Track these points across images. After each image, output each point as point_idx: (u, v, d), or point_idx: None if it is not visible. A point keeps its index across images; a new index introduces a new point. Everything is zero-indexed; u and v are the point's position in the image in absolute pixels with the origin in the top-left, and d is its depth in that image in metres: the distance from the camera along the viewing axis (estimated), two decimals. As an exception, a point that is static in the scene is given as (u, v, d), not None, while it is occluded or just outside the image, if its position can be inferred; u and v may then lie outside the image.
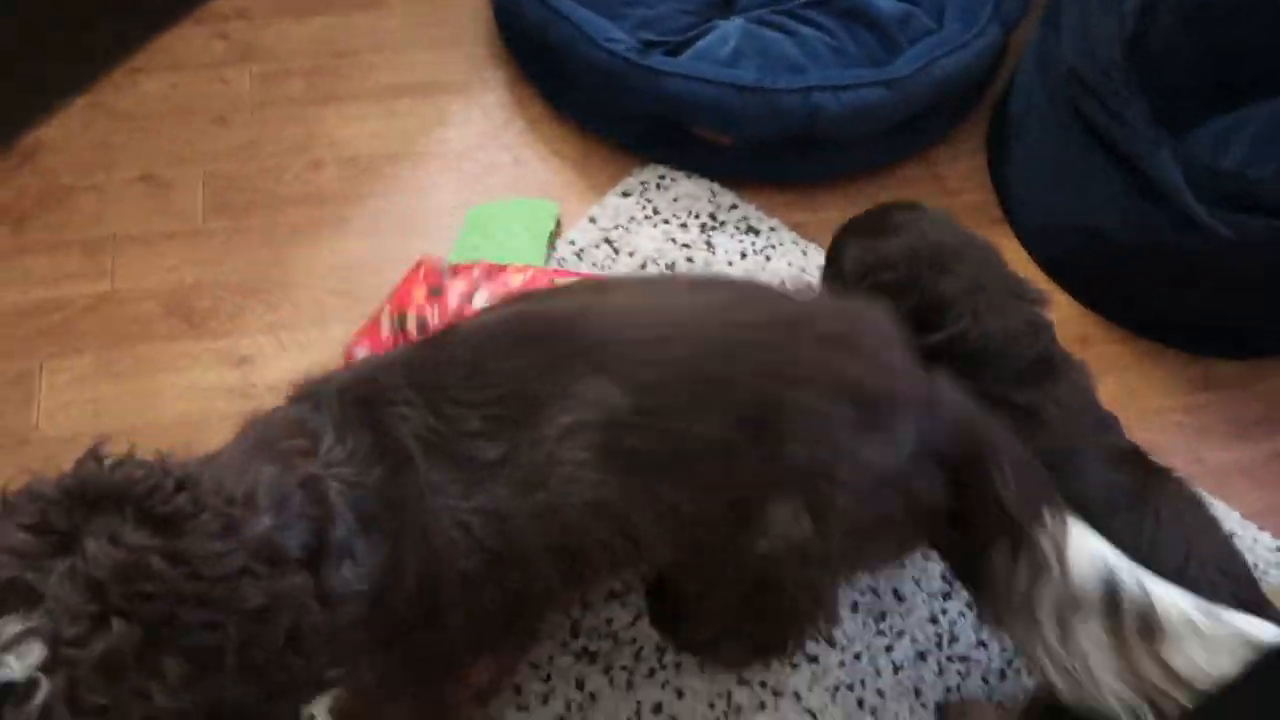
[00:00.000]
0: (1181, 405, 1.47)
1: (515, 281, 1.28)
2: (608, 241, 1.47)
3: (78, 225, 1.45)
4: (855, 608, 1.25)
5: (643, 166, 1.57)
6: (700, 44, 1.54)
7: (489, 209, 1.46)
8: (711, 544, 0.86)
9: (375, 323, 1.29)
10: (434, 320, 1.25)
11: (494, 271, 1.29)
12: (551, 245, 1.46)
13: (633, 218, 1.50)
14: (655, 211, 1.51)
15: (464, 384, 0.79)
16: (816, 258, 1.50)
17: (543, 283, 1.26)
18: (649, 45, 1.51)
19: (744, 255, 1.48)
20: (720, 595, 0.93)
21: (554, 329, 0.83)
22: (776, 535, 0.81)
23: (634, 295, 0.91)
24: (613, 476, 0.79)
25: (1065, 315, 1.53)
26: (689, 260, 1.46)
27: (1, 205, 1.45)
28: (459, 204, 1.50)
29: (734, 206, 1.53)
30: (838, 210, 1.51)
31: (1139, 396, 1.47)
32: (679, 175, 1.55)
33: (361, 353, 1.25)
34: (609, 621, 1.22)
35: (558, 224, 1.46)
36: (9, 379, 1.31)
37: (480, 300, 1.25)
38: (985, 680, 1.22)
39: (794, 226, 1.54)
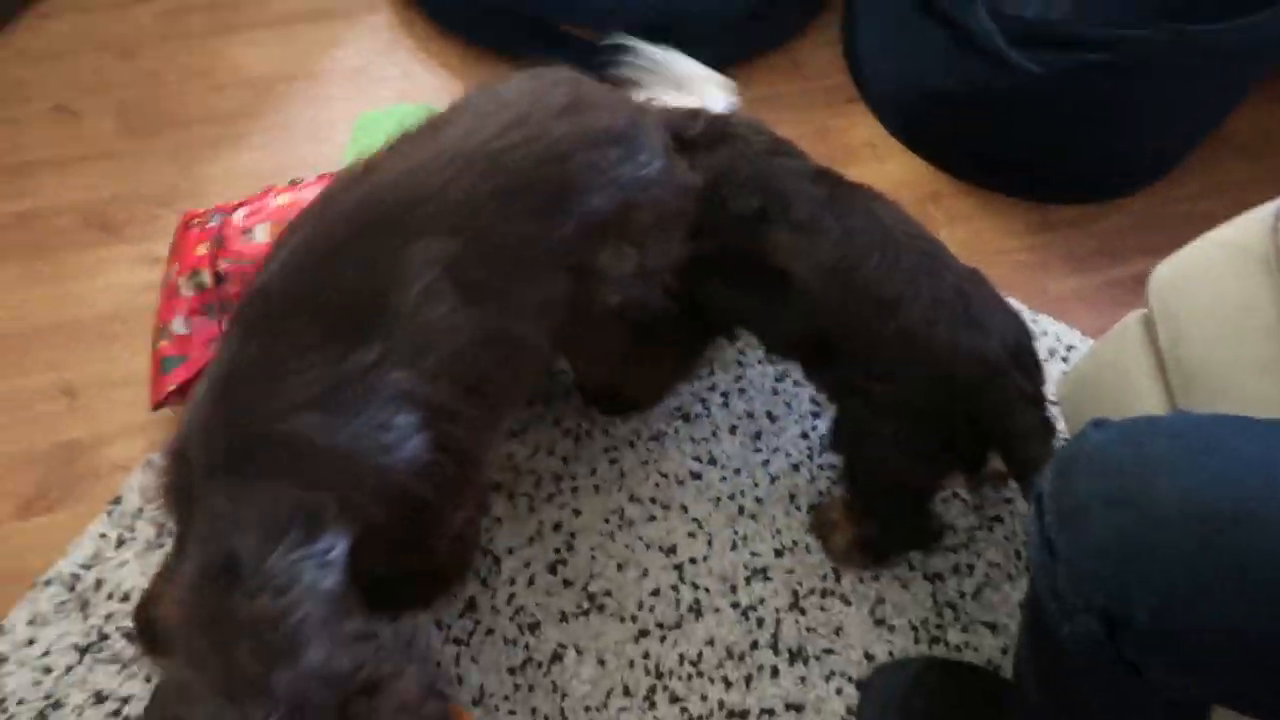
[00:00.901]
0: (1025, 246, 1.63)
1: (280, 201, 1.32)
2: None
3: (-4, 153, 1.56)
4: (734, 430, 1.39)
5: (518, 63, 1.70)
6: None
7: (374, 115, 1.59)
8: (577, 315, 0.99)
9: (172, 290, 1.31)
10: (224, 267, 1.27)
11: (254, 202, 1.34)
12: (439, 143, 1.58)
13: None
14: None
15: (306, 320, 0.84)
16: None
17: (308, 196, 1.23)
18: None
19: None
20: (607, 347, 1.10)
21: (356, 226, 0.87)
22: (613, 279, 0.95)
23: (400, 158, 0.94)
24: (475, 306, 0.89)
25: (917, 175, 1.68)
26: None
27: (-78, 139, 1.56)
28: (351, 116, 1.62)
29: (607, 97, 1.67)
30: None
31: (985, 240, 1.62)
32: (556, 74, 1.69)
33: (177, 322, 1.28)
34: (510, 456, 1.35)
35: (440, 121, 1.59)
36: None
37: (261, 233, 1.29)
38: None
39: (665, 113, 1.68)
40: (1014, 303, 1.25)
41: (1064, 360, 1.48)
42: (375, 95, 1.67)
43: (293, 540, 0.77)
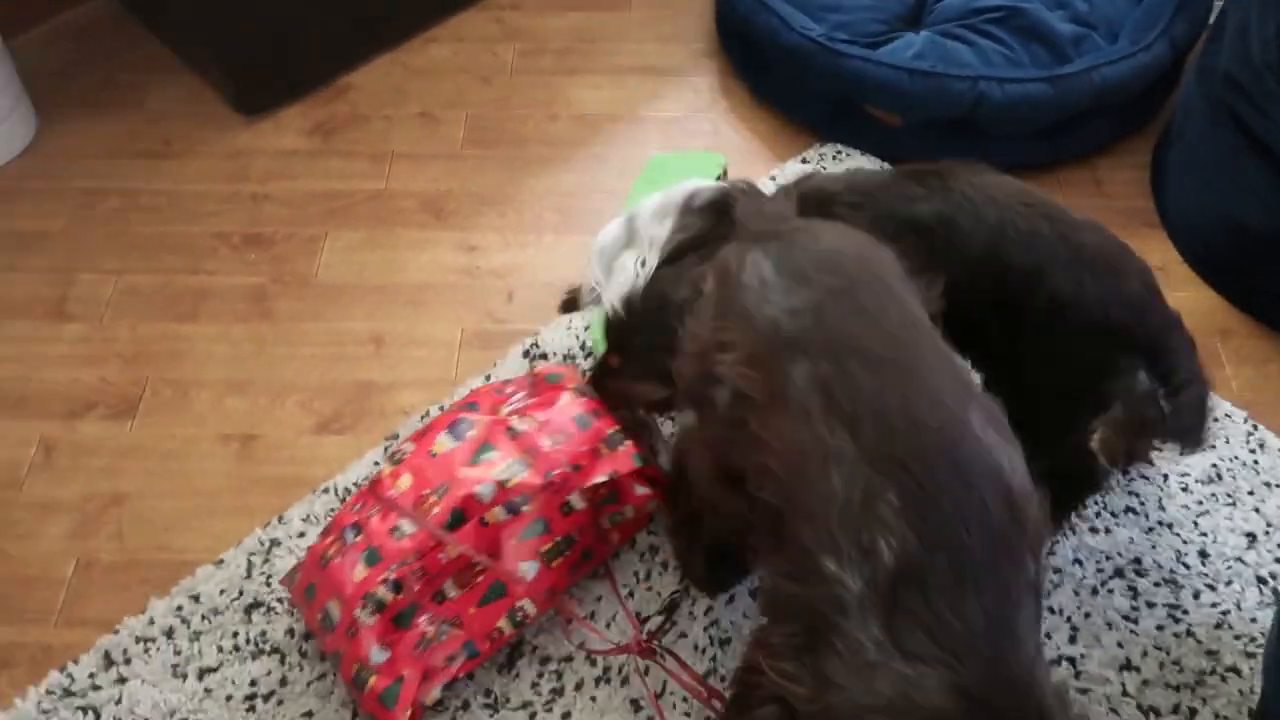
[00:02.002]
0: (1318, 398, 1.51)
1: (402, 487, 1.20)
2: (782, 193, 1.71)
3: (368, 142, 1.85)
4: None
5: (823, 144, 1.81)
6: (886, 47, 1.77)
7: (665, 157, 1.74)
8: None
9: (349, 634, 1.14)
10: (398, 571, 1.13)
11: (369, 503, 1.20)
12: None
13: (806, 178, 1.73)
14: (827, 176, 1.74)
15: None
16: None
17: (434, 473, 1.18)
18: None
19: (901, 217, 1.68)
20: None
21: None
22: None
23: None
24: None
25: (1209, 308, 1.61)
26: (850, 215, 1.68)
27: (318, 122, 1.88)
28: (660, 158, 1.80)
29: (898, 179, 1.73)
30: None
31: (1274, 385, 1.52)
32: (853, 152, 1.78)
33: (375, 653, 1.13)
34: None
35: (724, 172, 1.71)
36: (303, 239, 1.70)
37: (408, 525, 1.15)
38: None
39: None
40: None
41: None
42: (684, 145, 1.84)
43: None
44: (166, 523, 1.39)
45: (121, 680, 1.23)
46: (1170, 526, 1.33)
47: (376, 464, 1.41)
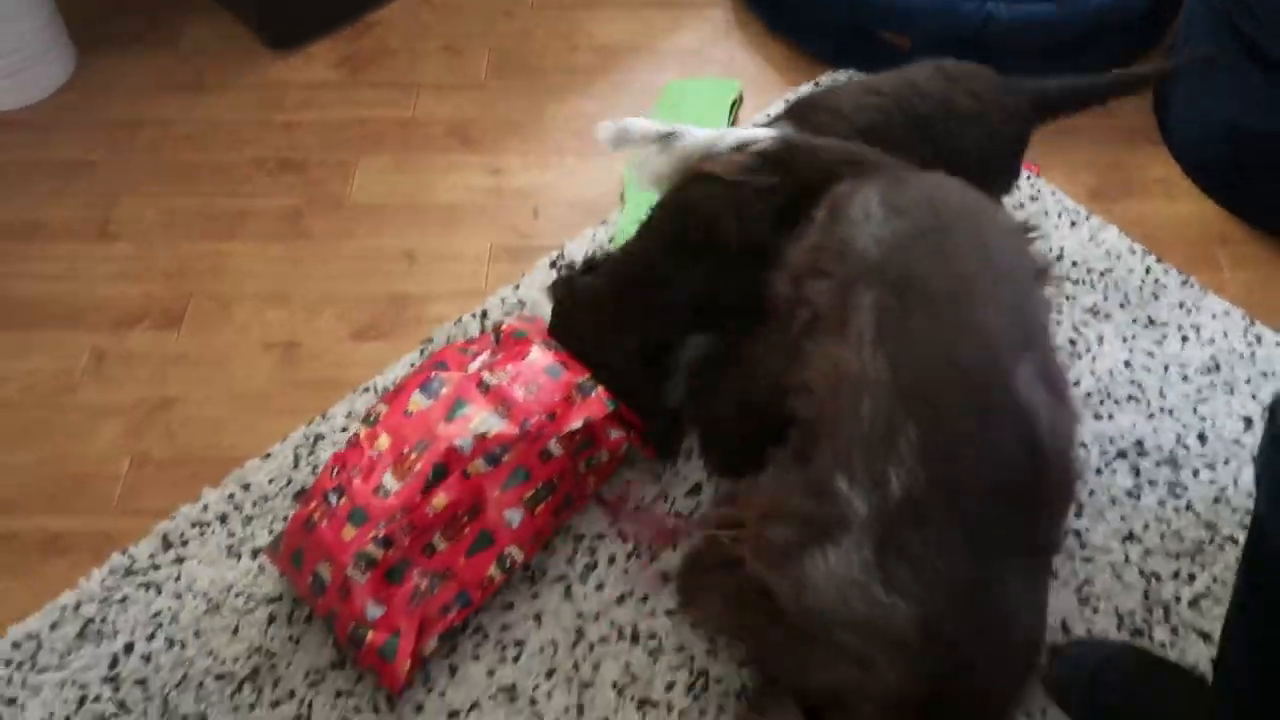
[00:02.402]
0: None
1: (382, 446, 1.22)
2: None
3: (395, 74, 1.92)
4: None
5: (835, 70, 1.87)
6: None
7: (682, 83, 1.82)
8: None
9: (342, 591, 1.17)
10: (386, 528, 1.15)
11: (348, 464, 1.22)
12: (734, 117, 1.79)
13: (820, 99, 1.79)
14: (839, 98, 1.80)
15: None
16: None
17: (411, 430, 1.21)
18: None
19: (911, 135, 1.74)
20: None
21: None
22: None
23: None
24: None
25: (1207, 217, 1.67)
26: (862, 133, 1.74)
27: (346, 55, 1.95)
28: (674, 85, 1.86)
29: (908, 100, 1.79)
30: (1001, 113, 1.75)
31: (1271, 288, 1.58)
32: (864, 76, 1.84)
33: (370, 609, 1.15)
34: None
35: (739, 98, 1.77)
36: (335, 164, 1.77)
37: (390, 480, 1.18)
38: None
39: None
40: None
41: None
42: (700, 73, 1.90)
43: None
44: (214, 424, 1.46)
45: (179, 560, 1.31)
46: (1171, 412, 1.40)
47: (412, 364, 1.48)
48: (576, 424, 1.24)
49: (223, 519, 1.34)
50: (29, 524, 1.38)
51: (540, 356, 1.29)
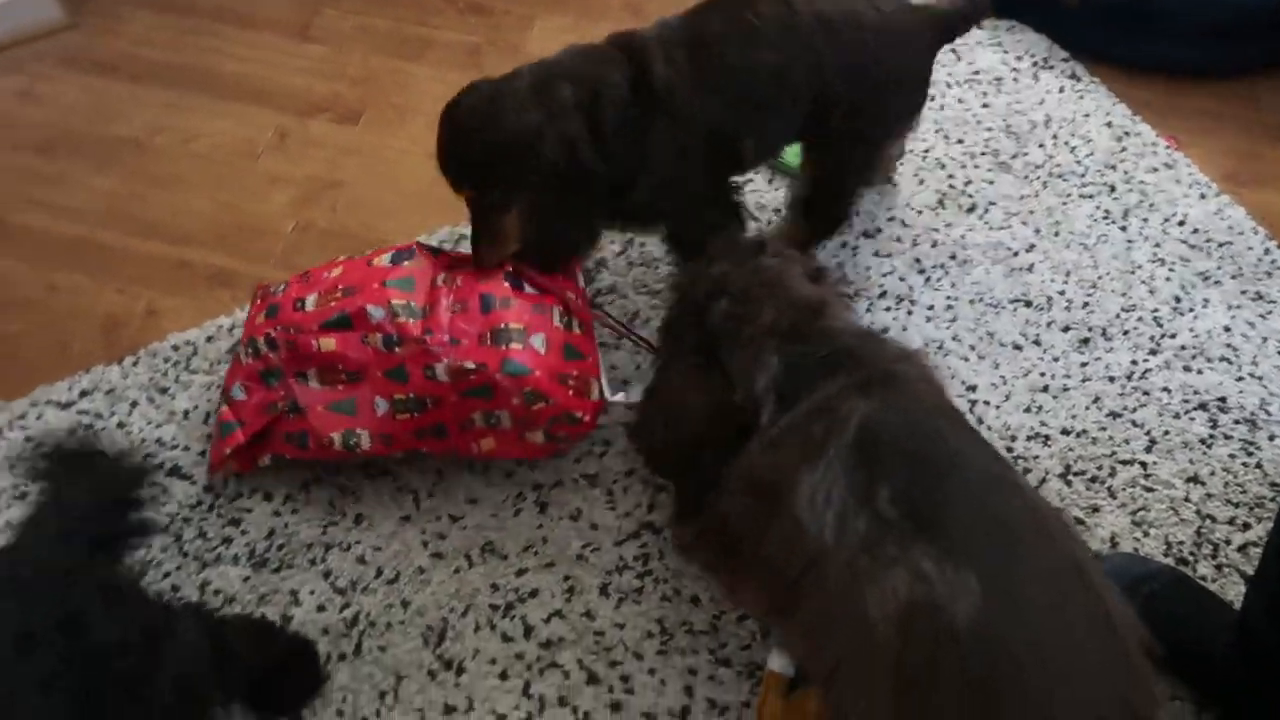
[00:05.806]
0: None
1: (335, 274, 1.27)
2: (953, 51, 1.83)
3: None
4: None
5: (998, 18, 1.93)
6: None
7: None
8: None
9: (235, 359, 1.32)
10: (277, 333, 1.23)
11: (316, 274, 1.30)
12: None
13: (979, 42, 1.86)
14: (1000, 45, 1.87)
15: None
16: (1122, 110, 1.77)
17: (357, 275, 1.24)
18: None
19: (1061, 90, 1.80)
20: None
21: None
22: None
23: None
24: None
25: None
26: (1015, 79, 1.80)
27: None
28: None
29: (1066, 59, 1.85)
30: (1150, 92, 1.80)
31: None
32: (1027, 29, 1.90)
33: (236, 389, 1.27)
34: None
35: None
36: (518, 15, 1.92)
37: (311, 303, 1.24)
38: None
39: (1111, 88, 1.83)
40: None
41: None
42: None
43: None
44: (373, 209, 1.62)
45: (326, 311, 1.46)
46: (1261, 379, 1.45)
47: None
48: (469, 364, 1.18)
49: (369, 286, 1.49)
50: (203, 257, 1.55)
51: (493, 284, 1.25)
